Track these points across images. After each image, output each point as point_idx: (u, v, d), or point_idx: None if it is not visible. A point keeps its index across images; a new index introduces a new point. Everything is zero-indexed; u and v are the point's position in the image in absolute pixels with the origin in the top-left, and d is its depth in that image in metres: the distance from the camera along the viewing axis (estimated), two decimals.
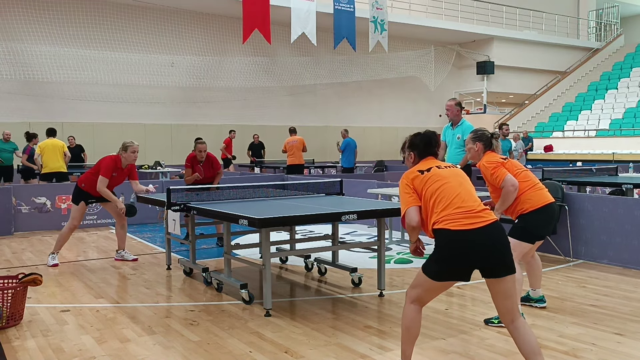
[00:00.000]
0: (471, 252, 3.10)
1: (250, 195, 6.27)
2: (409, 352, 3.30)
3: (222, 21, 18.36)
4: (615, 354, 3.81)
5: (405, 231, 8.07)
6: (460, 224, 3.12)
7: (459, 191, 3.25)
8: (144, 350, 3.96)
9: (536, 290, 4.87)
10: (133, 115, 17.32)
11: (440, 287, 3.25)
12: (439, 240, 3.20)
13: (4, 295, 4.45)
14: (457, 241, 3.11)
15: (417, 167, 3.39)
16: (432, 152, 3.47)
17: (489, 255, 3.10)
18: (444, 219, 3.16)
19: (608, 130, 20.38)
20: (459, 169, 3.49)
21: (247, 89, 18.98)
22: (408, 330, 3.27)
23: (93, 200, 7.00)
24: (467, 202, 3.21)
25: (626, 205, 6.35)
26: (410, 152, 3.50)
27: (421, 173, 3.33)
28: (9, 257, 7.37)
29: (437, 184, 3.26)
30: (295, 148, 13.65)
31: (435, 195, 3.24)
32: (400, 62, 21.71)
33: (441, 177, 3.29)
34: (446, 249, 3.15)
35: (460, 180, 3.34)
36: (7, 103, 15.40)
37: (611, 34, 27.81)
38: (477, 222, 3.13)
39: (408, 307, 3.28)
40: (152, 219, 10.38)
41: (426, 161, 3.44)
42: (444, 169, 3.36)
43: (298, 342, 4.08)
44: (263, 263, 4.83)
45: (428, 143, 3.47)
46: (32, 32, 15.54)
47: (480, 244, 3.10)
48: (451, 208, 3.18)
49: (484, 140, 4.56)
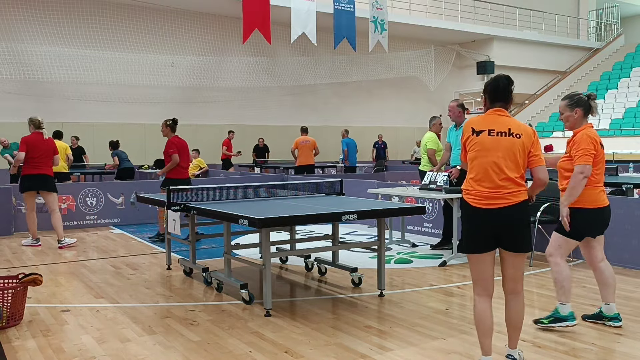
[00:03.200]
0: (487, 227, 3.34)
1: (251, 195, 6.27)
2: (486, 345, 3.43)
3: (222, 21, 18.36)
4: (615, 354, 3.81)
5: (405, 231, 8.10)
6: (482, 203, 3.34)
7: (494, 168, 3.33)
8: (144, 350, 3.96)
9: (610, 305, 4.30)
10: (133, 115, 17.32)
11: (478, 262, 3.41)
12: (461, 209, 3.50)
13: (4, 295, 4.45)
14: (475, 215, 3.37)
15: (473, 124, 3.46)
16: (500, 98, 3.46)
17: (502, 232, 3.34)
18: (470, 192, 3.40)
19: (608, 130, 20.38)
20: (511, 139, 3.32)
21: (247, 89, 18.98)
22: (479, 323, 3.43)
23: None
24: (495, 181, 3.32)
25: (626, 205, 6.35)
26: (484, 96, 3.56)
27: (472, 132, 3.44)
28: (9, 257, 7.38)
29: (476, 153, 3.39)
30: (306, 148, 13.52)
31: (471, 163, 3.43)
32: (400, 62, 21.71)
33: (483, 147, 3.37)
34: (467, 221, 3.45)
35: (500, 154, 3.32)
36: (7, 103, 15.41)
37: (611, 34, 27.81)
38: (499, 203, 3.31)
39: (474, 302, 3.49)
40: (152, 219, 10.38)
41: (493, 113, 3.45)
42: (493, 137, 3.36)
43: (298, 342, 4.08)
44: (263, 263, 4.83)
45: (496, 88, 3.48)
46: (32, 32, 15.55)
47: (498, 222, 3.33)
48: (479, 183, 3.36)
49: (583, 105, 4.19)
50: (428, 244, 7.89)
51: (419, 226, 8.85)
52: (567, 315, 4.22)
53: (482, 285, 3.44)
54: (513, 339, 3.53)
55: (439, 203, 8.24)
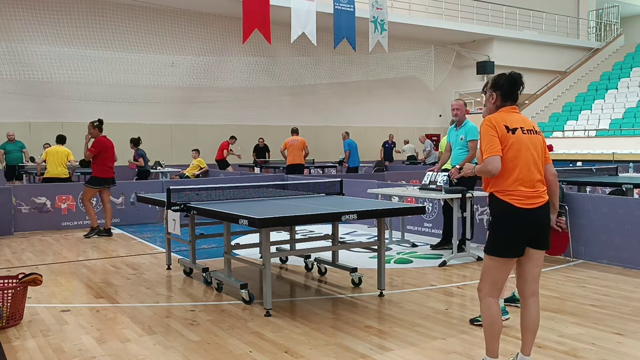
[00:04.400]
0: (530, 228, 3.27)
1: (251, 195, 6.27)
2: (495, 347, 3.33)
3: (222, 21, 18.36)
4: (615, 354, 3.81)
5: (405, 231, 8.10)
6: (524, 203, 3.24)
7: (531, 168, 3.28)
8: (144, 350, 3.96)
9: None
10: (133, 115, 17.32)
11: (507, 265, 3.30)
12: (500, 213, 3.29)
13: (4, 295, 4.45)
14: (520, 217, 3.24)
15: (505, 119, 3.30)
16: (515, 98, 3.38)
17: (539, 230, 3.30)
18: (511, 193, 3.25)
19: (608, 130, 20.38)
20: (537, 137, 3.36)
21: (247, 89, 18.98)
22: (493, 325, 3.31)
23: None
24: (534, 181, 3.28)
25: (626, 205, 6.35)
26: (494, 92, 3.40)
27: (507, 130, 3.27)
28: (9, 257, 7.38)
29: (517, 152, 3.25)
30: (295, 148, 13.57)
31: (512, 163, 3.25)
32: (400, 62, 21.71)
33: (522, 145, 3.27)
34: (508, 223, 3.27)
35: (534, 154, 3.31)
36: (7, 103, 15.41)
37: (611, 34, 27.81)
38: (538, 202, 3.27)
39: (487, 302, 3.31)
40: (152, 219, 10.38)
41: (511, 112, 3.36)
42: (527, 135, 3.31)
43: (298, 342, 4.08)
44: (263, 263, 4.83)
45: (513, 84, 3.36)
46: (32, 32, 15.55)
47: (537, 221, 3.28)
48: (518, 183, 3.25)
49: None
50: (428, 244, 7.89)
51: (419, 226, 8.85)
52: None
53: (500, 287, 3.35)
54: (530, 344, 3.40)
55: (439, 203, 8.24)
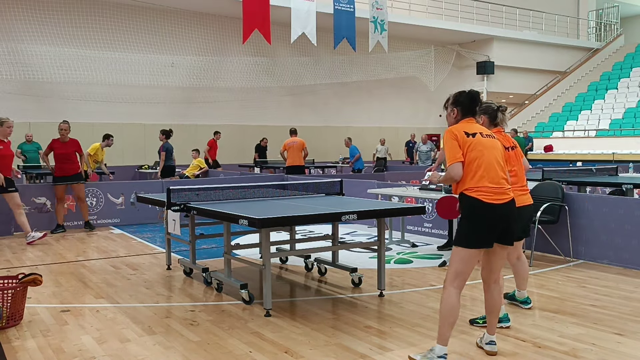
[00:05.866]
0: (497, 222, 3.51)
1: (250, 195, 6.27)
2: (447, 336, 3.51)
3: (222, 21, 18.37)
4: (615, 354, 3.81)
5: (405, 231, 8.10)
6: (492, 198, 3.48)
7: (495, 166, 3.53)
8: (144, 350, 3.96)
9: (522, 292, 4.86)
10: (133, 115, 17.33)
11: (474, 255, 3.50)
12: (469, 208, 3.51)
13: (4, 295, 4.45)
14: (488, 211, 3.47)
15: (464, 127, 3.58)
16: (474, 112, 3.67)
17: (507, 225, 3.56)
18: (479, 189, 3.48)
19: (608, 130, 20.38)
20: (496, 141, 3.65)
21: (247, 89, 18.98)
22: (449, 315, 3.48)
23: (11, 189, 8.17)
24: (499, 178, 3.53)
25: (626, 205, 6.36)
26: (455, 108, 3.67)
27: (467, 135, 3.54)
28: (9, 257, 7.38)
29: (479, 152, 3.51)
30: (294, 149, 13.54)
31: (475, 163, 3.50)
32: (400, 62, 21.71)
33: (483, 146, 3.54)
34: (477, 217, 3.49)
35: (496, 153, 3.59)
36: (7, 103, 15.39)
37: (611, 34, 27.82)
38: (503, 198, 3.52)
39: (449, 292, 3.49)
40: (152, 219, 10.38)
41: (470, 122, 3.63)
42: (486, 138, 3.59)
43: (298, 342, 4.08)
44: (263, 263, 4.83)
45: (473, 100, 3.65)
46: (32, 32, 15.55)
47: (504, 216, 3.52)
48: (486, 180, 3.49)
49: (489, 112, 4.47)
50: (428, 244, 7.90)
51: (419, 226, 8.85)
52: (501, 317, 4.30)
53: (464, 279, 3.53)
54: (494, 325, 3.76)
55: None
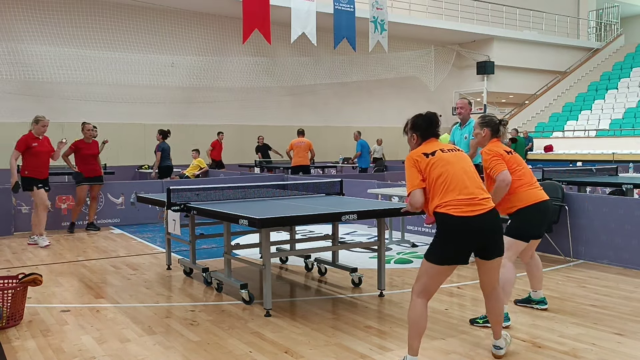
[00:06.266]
0: (470, 237, 3.32)
1: (250, 195, 6.27)
2: (416, 346, 3.41)
3: (222, 21, 18.37)
4: (615, 354, 3.81)
5: (405, 231, 8.10)
6: (462, 211, 3.29)
7: (462, 177, 3.37)
8: (144, 350, 3.96)
9: (537, 292, 4.83)
10: (133, 115, 17.32)
11: (443, 272, 3.38)
12: (441, 225, 3.36)
13: (4, 295, 4.45)
14: (458, 225, 3.29)
15: (422, 150, 3.47)
16: (434, 134, 3.55)
17: (485, 239, 3.38)
18: (447, 204, 3.32)
19: (608, 130, 20.38)
20: (464, 153, 3.55)
21: (247, 89, 18.98)
22: (416, 324, 3.37)
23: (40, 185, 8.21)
24: (470, 188, 3.37)
25: (626, 205, 6.35)
26: (413, 134, 3.56)
27: (426, 156, 3.41)
28: (9, 257, 7.38)
29: (441, 168, 3.37)
30: (301, 149, 13.60)
31: (439, 179, 3.36)
32: (400, 62, 21.72)
33: (445, 161, 3.39)
34: (448, 232, 3.33)
35: (463, 165, 3.44)
36: (7, 103, 15.40)
37: (611, 34, 27.82)
38: (477, 209, 3.32)
39: (414, 302, 3.40)
40: (152, 219, 10.38)
41: (429, 143, 3.51)
42: (448, 153, 3.45)
43: (298, 342, 4.08)
44: (263, 263, 4.83)
45: (430, 124, 3.54)
46: (32, 32, 15.55)
47: (478, 229, 3.33)
48: (454, 194, 3.32)
49: (492, 126, 4.54)
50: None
51: (419, 226, 8.85)
52: None
53: (431, 292, 3.43)
54: (498, 329, 3.69)
55: None
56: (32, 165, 8.16)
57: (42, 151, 8.21)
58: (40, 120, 8.21)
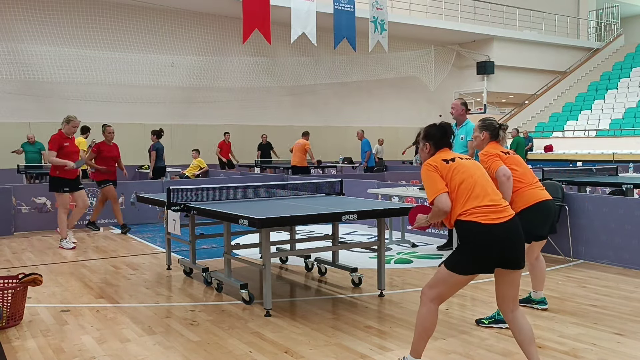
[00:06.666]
0: (498, 245, 3.16)
1: (251, 195, 6.27)
2: (422, 350, 3.35)
3: (222, 21, 18.37)
4: (615, 354, 3.81)
5: (405, 231, 8.10)
6: (489, 218, 3.17)
7: (484, 185, 3.30)
8: (144, 350, 3.96)
9: (538, 292, 4.83)
10: (133, 115, 17.32)
11: (463, 281, 3.26)
12: (466, 232, 3.21)
13: (4, 295, 4.45)
14: (487, 234, 3.16)
15: (440, 157, 3.40)
16: (447, 143, 3.49)
17: (511, 248, 3.19)
18: (472, 211, 3.21)
19: (608, 130, 20.38)
20: (477, 162, 3.50)
21: (247, 89, 18.98)
22: (426, 330, 3.28)
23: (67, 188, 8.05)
24: (492, 195, 3.28)
25: (626, 205, 6.35)
26: (426, 143, 3.50)
27: (446, 162, 3.34)
28: (9, 257, 7.38)
29: (463, 175, 3.28)
30: (296, 149, 14.01)
31: (462, 186, 3.26)
32: (400, 62, 21.72)
33: (466, 168, 3.33)
34: (475, 242, 3.18)
35: (483, 173, 3.39)
36: (7, 103, 15.41)
37: (611, 34, 27.81)
38: (502, 217, 3.21)
39: (428, 308, 3.27)
40: (152, 219, 10.38)
41: (443, 152, 3.45)
42: (467, 161, 3.39)
43: (298, 342, 4.08)
44: (263, 263, 4.83)
45: (444, 134, 3.48)
46: (32, 32, 15.55)
47: (505, 238, 3.17)
48: (478, 200, 3.22)
49: (491, 130, 4.54)
50: (428, 244, 7.89)
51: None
52: (501, 317, 4.31)
53: (443, 299, 3.31)
54: (535, 354, 3.27)
55: None
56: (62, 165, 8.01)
57: (72, 151, 8.09)
58: (72, 121, 8.07)
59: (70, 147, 8.10)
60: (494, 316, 4.39)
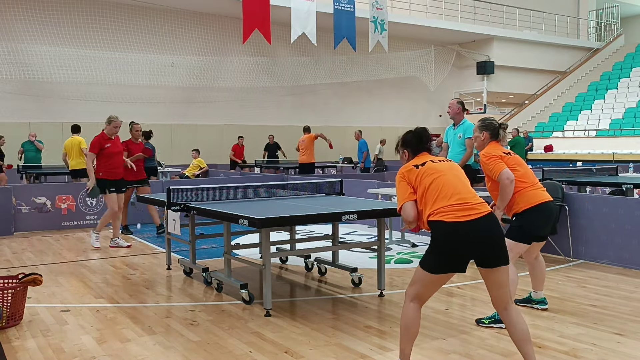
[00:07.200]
0: (466, 243, 3.16)
1: (250, 195, 6.27)
2: (408, 351, 3.32)
3: (222, 21, 18.36)
4: (615, 354, 3.81)
5: (405, 231, 8.10)
6: (455, 216, 3.18)
7: (454, 183, 3.31)
8: (144, 350, 3.96)
9: (538, 292, 4.83)
10: (133, 115, 17.14)
11: (438, 281, 3.28)
12: (434, 232, 3.26)
13: (4, 295, 4.45)
14: (452, 233, 3.17)
15: (412, 163, 3.46)
16: (425, 148, 3.54)
17: (483, 246, 3.19)
18: (439, 211, 3.22)
19: (608, 130, 20.38)
20: (454, 163, 3.53)
21: (247, 89, 18.98)
22: (408, 329, 3.29)
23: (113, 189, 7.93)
24: (462, 193, 3.27)
25: (626, 205, 6.35)
26: (404, 150, 3.56)
27: (416, 167, 3.39)
28: (9, 257, 7.38)
29: (432, 176, 3.32)
30: (304, 146, 13.58)
31: (430, 187, 3.29)
32: (400, 62, 21.72)
33: (435, 170, 3.35)
34: (442, 240, 3.21)
35: (455, 172, 3.40)
36: (7, 103, 15.41)
37: (611, 34, 27.82)
38: (471, 214, 3.19)
39: (407, 306, 3.30)
40: (152, 219, 10.35)
41: (420, 156, 3.50)
42: (439, 163, 3.42)
43: (298, 342, 4.08)
44: (263, 263, 4.83)
45: (420, 139, 3.54)
46: (32, 32, 15.55)
47: (474, 236, 3.16)
48: (445, 200, 3.24)
49: (491, 129, 4.54)
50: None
51: None
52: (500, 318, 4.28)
53: (424, 299, 3.31)
54: (531, 354, 3.28)
55: None
56: (106, 166, 7.85)
57: (115, 152, 7.92)
58: (113, 121, 7.93)
59: (113, 147, 7.89)
60: (494, 316, 4.39)
